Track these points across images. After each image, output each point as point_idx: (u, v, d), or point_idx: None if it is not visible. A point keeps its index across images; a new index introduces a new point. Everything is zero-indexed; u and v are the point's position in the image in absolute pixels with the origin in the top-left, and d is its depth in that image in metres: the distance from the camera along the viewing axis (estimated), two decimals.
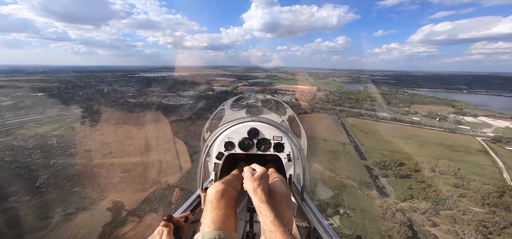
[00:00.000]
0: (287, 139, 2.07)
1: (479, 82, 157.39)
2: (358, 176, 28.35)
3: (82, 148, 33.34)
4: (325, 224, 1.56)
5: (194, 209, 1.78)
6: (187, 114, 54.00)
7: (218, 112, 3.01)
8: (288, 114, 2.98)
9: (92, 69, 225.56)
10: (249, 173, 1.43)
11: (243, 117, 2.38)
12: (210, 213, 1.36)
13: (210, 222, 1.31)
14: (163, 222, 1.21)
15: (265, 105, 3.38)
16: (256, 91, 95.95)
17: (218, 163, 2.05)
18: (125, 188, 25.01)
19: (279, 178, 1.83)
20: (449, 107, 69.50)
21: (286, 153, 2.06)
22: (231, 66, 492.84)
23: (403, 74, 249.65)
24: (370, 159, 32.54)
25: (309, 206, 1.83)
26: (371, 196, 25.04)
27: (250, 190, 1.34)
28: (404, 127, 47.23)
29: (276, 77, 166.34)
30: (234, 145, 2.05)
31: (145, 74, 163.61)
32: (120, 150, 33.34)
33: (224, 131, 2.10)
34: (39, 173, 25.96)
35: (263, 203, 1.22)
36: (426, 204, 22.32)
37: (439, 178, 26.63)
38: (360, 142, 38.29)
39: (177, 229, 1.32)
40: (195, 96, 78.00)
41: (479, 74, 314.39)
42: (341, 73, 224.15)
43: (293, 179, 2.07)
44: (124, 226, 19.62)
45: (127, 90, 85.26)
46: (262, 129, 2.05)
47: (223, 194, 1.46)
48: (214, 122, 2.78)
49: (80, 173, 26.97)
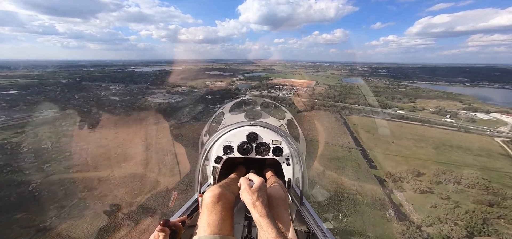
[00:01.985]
0: (286, 143, 2.05)
1: (478, 74, 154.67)
2: (369, 190, 23.85)
3: (42, 159, 28.12)
4: (324, 228, 1.53)
5: (191, 213, 1.70)
6: (176, 114, 48.68)
7: (217, 116, 3.03)
8: (287, 118, 2.99)
9: (82, 63, 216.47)
10: (247, 185, 1.36)
11: (242, 121, 2.33)
12: (206, 217, 1.32)
13: (206, 226, 1.27)
14: (159, 226, 1.16)
15: (264, 109, 3.35)
16: (252, 86, 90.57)
17: (216, 167, 2.04)
18: (83, 213, 20.09)
19: (277, 182, 1.84)
20: (456, 102, 65.46)
21: (285, 157, 2.04)
22: (227, 59, 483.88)
23: (401, 67, 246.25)
24: (381, 168, 28.06)
25: (308, 210, 1.77)
26: (387, 217, 20.60)
27: (249, 204, 1.28)
28: (414, 127, 42.78)
29: (273, 70, 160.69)
30: (233, 149, 2.03)
31: (137, 68, 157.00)
32: (89, 161, 28.23)
33: (223, 135, 2.08)
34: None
35: (264, 217, 1.18)
36: (459, 230, 17.93)
37: (468, 194, 22.30)
38: (367, 146, 33.75)
39: (174, 233, 1.27)
40: (187, 93, 72.37)
41: (476, 66, 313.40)
42: (339, 66, 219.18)
43: (292, 183, 2.04)
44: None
45: (112, 86, 79.05)
46: (261, 133, 2.04)
47: (220, 197, 1.42)
48: (213, 126, 2.77)
49: (31, 193, 21.95)
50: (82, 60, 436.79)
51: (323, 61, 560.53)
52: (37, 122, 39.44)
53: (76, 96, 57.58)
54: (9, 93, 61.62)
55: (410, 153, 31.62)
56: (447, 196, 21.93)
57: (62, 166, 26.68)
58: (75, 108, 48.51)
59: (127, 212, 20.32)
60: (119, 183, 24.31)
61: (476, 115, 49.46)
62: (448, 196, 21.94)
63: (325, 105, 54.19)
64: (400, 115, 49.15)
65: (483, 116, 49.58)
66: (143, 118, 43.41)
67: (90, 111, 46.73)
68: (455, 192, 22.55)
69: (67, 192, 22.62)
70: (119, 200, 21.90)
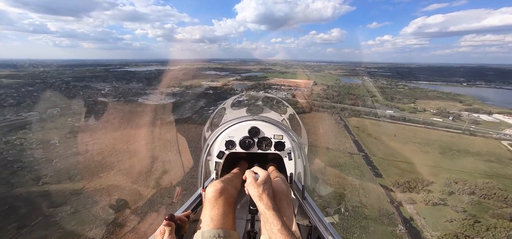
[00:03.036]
0: (287, 137, 2.04)
1: (473, 74, 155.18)
2: (376, 202, 21.54)
3: (10, 170, 24.99)
4: (326, 222, 1.52)
5: (195, 208, 1.71)
6: (166, 117, 45.74)
7: (218, 111, 2.96)
8: (288, 113, 2.98)
9: (74, 62, 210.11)
10: (252, 178, 1.34)
11: (244, 116, 2.31)
12: (209, 212, 1.33)
13: (209, 220, 1.28)
14: (165, 221, 1.17)
15: (266, 103, 3.35)
16: (248, 86, 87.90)
17: (219, 162, 2.03)
18: (47, 234, 17.21)
19: (280, 176, 1.83)
20: (456, 102, 64.10)
21: (286, 151, 2.02)
22: (224, 59, 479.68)
23: (397, 67, 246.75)
24: (387, 176, 25.83)
25: (310, 204, 1.76)
26: (398, 234, 18.31)
27: (255, 196, 1.27)
28: (417, 129, 40.82)
29: (270, 70, 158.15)
30: (235, 144, 2.01)
31: (131, 68, 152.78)
32: (64, 171, 25.23)
33: (225, 130, 2.07)
34: None
35: (270, 210, 1.18)
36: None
37: (485, 206, 20.16)
38: (370, 151, 31.53)
39: (179, 228, 1.29)
40: (180, 94, 69.30)
41: (469, 65, 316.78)
42: (337, 66, 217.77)
43: (294, 178, 2.03)
44: None
45: (101, 87, 75.33)
46: (263, 127, 2.03)
47: (222, 192, 1.42)
48: (214, 121, 2.71)
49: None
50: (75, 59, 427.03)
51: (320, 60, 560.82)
52: (12, 126, 36.04)
53: (59, 97, 53.98)
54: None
55: (416, 159, 29.49)
56: (462, 209, 19.74)
57: (31, 177, 23.62)
58: (57, 110, 45.09)
59: (102, 234, 17.54)
60: (95, 197, 21.43)
61: (479, 117, 47.86)
62: (464, 209, 19.76)
63: (324, 106, 51.94)
64: (402, 116, 47.21)
65: (486, 117, 48.03)
66: (130, 120, 40.35)
67: (73, 114, 43.39)
68: (470, 204, 20.39)
69: (33, 208, 19.65)
70: (92, 217, 19.07)
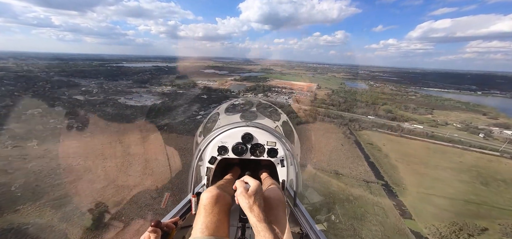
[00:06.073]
0: (280, 144, 2.02)
1: (482, 81, 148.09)
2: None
3: None
4: (317, 229, 1.53)
5: (184, 214, 1.68)
6: (143, 123, 39.34)
7: (212, 116, 2.95)
8: (282, 120, 2.97)
9: (76, 57, 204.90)
10: (243, 189, 1.29)
11: (237, 122, 2.28)
12: (204, 218, 1.29)
13: (204, 227, 1.25)
14: (150, 227, 1.13)
15: (260, 110, 3.34)
16: (247, 87, 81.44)
17: (210, 167, 2.01)
18: None
19: (275, 184, 1.83)
20: (478, 114, 57.23)
21: (279, 158, 2.02)
22: (227, 57, 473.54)
23: (402, 71, 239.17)
24: (418, 217, 19.21)
25: (301, 211, 1.77)
26: None
27: (246, 208, 1.23)
28: (445, 149, 34.01)
29: (271, 71, 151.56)
30: (227, 150, 1.99)
31: (129, 63, 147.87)
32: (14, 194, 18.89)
33: (217, 135, 2.04)
34: None
35: (261, 222, 1.14)
36: None
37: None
38: (391, 178, 24.91)
39: (165, 234, 1.25)
40: (169, 94, 62.98)
41: (475, 72, 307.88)
42: (340, 69, 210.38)
43: (286, 185, 2.01)
44: None
45: (86, 83, 69.24)
46: (256, 134, 2.01)
47: (218, 199, 1.39)
48: (207, 126, 2.72)
49: None
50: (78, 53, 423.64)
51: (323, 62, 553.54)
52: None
53: (29, 93, 47.80)
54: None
55: (454, 191, 22.84)
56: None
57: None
58: (21, 109, 38.89)
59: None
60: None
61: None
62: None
63: (330, 115, 45.26)
64: (424, 132, 40.39)
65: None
66: (97, 125, 34.00)
67: (31, 116, 37.10)
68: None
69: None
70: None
